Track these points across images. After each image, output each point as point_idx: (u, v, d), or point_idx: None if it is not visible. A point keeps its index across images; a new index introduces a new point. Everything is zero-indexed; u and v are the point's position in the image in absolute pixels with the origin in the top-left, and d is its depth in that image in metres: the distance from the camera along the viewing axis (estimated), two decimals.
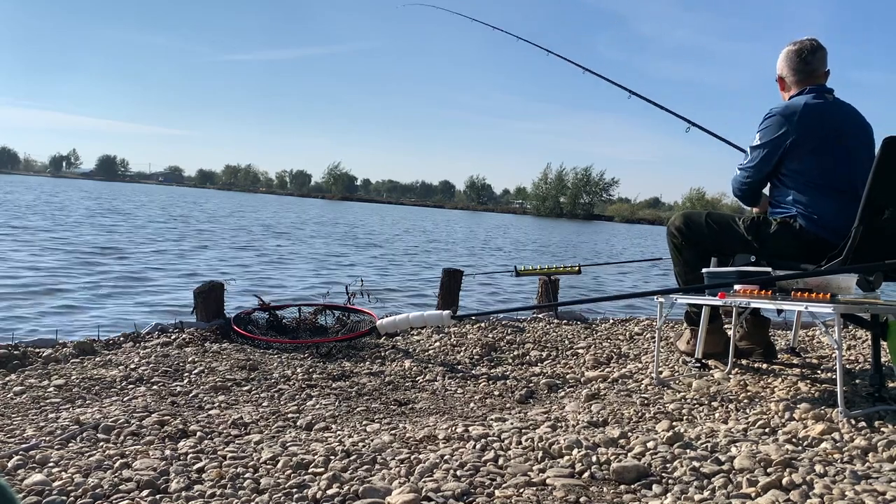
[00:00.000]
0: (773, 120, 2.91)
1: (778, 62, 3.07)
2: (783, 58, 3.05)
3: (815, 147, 2.85)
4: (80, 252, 10.19)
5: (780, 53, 3.07)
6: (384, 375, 2.99)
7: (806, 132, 2.84)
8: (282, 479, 1.76)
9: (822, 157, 2.86)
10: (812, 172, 2.87)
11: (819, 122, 2.86)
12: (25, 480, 1.68)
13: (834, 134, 2.86)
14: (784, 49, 3.06)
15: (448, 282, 4.61)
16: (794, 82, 3.01)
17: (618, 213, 77.60)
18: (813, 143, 2.85)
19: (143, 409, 2.33)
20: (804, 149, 2.86)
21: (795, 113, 2.86)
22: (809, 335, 4.23)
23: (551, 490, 1.72)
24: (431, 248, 17.57)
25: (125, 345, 3.32)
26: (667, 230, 3.26)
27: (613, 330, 4.30)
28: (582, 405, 2.55)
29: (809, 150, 2.85)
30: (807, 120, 2.85)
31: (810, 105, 2.87)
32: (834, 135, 2.85)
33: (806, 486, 1.75)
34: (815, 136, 2.85)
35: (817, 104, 2.88)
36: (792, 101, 2.93)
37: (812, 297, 2.44)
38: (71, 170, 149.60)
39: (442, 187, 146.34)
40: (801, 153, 2.87)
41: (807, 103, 2.87)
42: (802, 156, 2.87)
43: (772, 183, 3.02)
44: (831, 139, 2.85)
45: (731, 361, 3.12)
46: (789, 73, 3.02)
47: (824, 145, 2.85)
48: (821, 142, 2.85)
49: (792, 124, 2.85)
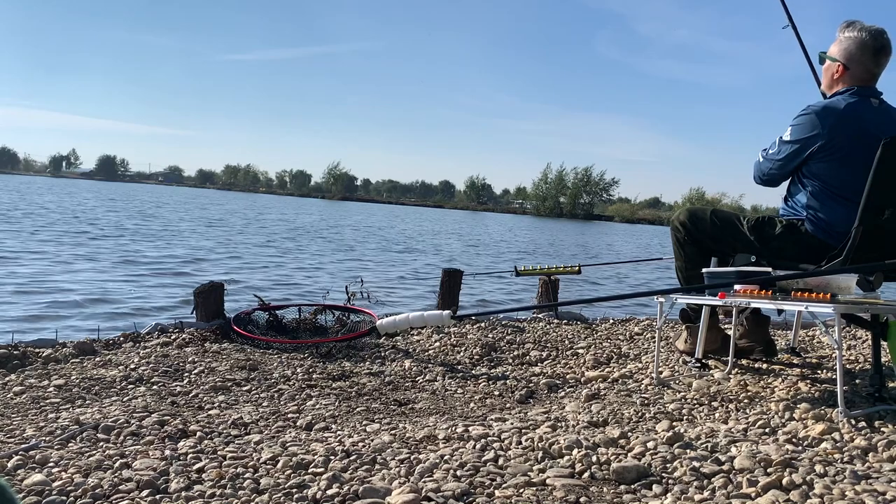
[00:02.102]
0: (807, 118, 2.77)
1: (847, 48, 2.81)
2: (858, 49, 2.79)
3: (842, 155, 2.73)
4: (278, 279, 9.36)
5: (851, 37, 2.81)
6: (384, 375, 2.99)
7: (838, 138, 2.72)
8: (282, 479, 1.76)
9: (846, 166, 2.73)
10: (831, 180, 2.78)
11: (854, 128, 2.72)
12: (25, 480, 1.68)
13: (867, 141, 2.66)
14: (859, 38, 2.79)
15: (448, 282, 4.61)
16: (857, 77, 2.80)
17: (618, 213, 77.64)
18: (842, 150, 2.73)
19: (143, 409, 2.33)
20: (831, 155, 2.75)
21: (832, 115, 2.73)
22: (809, 335, 4.23)
23: (551, 490, 1.72)
24: (479, 251, 17.45)
25: (125, 345, 3.32)
26: (671, 225, 3.25)
27: (613, 330, 4.30)
28: (582, 405, 2.55)
29: (836, 156, 2.74)
30: (842, 125, 2.72)
31: (850, 109, 2.72)
32: (867, 142, 2.67)
33: (806, 487, 1.74)
34: (846, 142, 2.72)
35: (857, 109, 2.73)
36: (832, 102, 2.79)
37: (812, 297, 2.44)
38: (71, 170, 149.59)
39: (442, 187, 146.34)
40: (826, 158, 2.76)
41: (848, 105, 2.73)
42: (826, 161, 2.76)
43: (790, 182, 2.96)
44: (862, 147, 2.69)
45: (732, 361, 3.12)
46: (856, 67, 2.80)
47: (853, 153, 2.72)
48: (850, 150, 2.72)
49: (825, 127, 2.73)
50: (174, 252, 11.59)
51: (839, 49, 2.85)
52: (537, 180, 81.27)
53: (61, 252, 10.37)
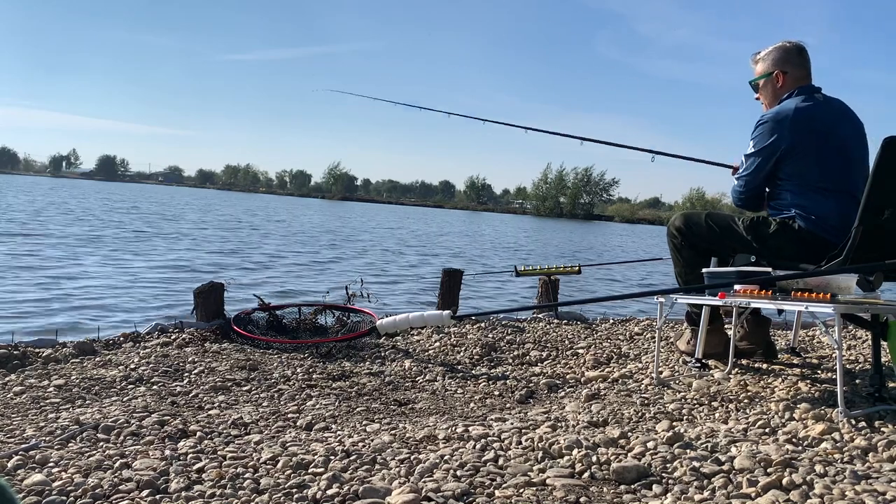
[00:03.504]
0: (765, 127, 2.94)
1: (774, 57, 3.07)
2: (783, 53, 3.05)
3: (808, 150, 2.88)
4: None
5: (774, 50, 3.08)
6: (384, 375, 2.99)
7: (798, 136, 2.88)
8: (282, 479, 1.76)
9: (816, 158, 2.88)
10: (807, 175, 2.89)
11: (810, 125, 2.89)
12: (25, 480, 1.68)
13: (825, 134, 2.89)
14: (779, 45, 3.08)
15: (448, 282, 4.61)
16: (795, 78, 3.03)
17: (618, 213, 77.67)
18: (806, 145, 2.88)
19: (143, 409, 2.33)
20: (798, 152, 2.89)
21: (787, 118, 2.90)
22: (809, 335, 4.23)
23: (551, 490, 1.72)
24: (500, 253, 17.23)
25: (125, 345, 3.32)
26: (667, 231, 3.27)
27: (613, 330, 4.30)
28: (582, 405, 2.55)
29: (803, 153, 2.88)
30: (798, 124, 2.88)
31: (801, 108, 2.90)
32: (825, 135, 2.88)
33: (806, 487, 1.74)
34: (808, 138, 2.88)
35: (807, 106, 2.91)
36: (782, 107, 2.96)
37: (812, 297, 2.44)
38: (71, 170, 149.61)
39: (442, 187, 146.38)
40: (795, 157, 2.90)
41: (797, 107, 2.90)
42: (797, 159, 2.89)
43: (769, 186, 3.04)
44: (823, 139, 2.88)
45: (732, 361, 3.12)
46: (792, 69, 3.04)
47: (817, 147, 2.88)
48: (814, 144, 2.88)
49: (784, 129, 2.89)
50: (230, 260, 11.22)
51: (769, 63, 3.10)
52: (537, 180, 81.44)
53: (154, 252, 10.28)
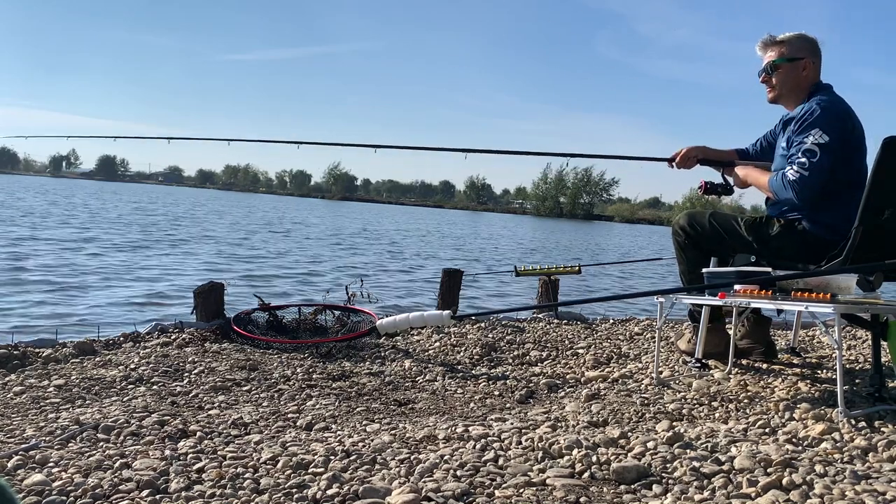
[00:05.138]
0: (835, 116, 2.75)
1: (803, 44, 2.91)
2: (812, 43, 2.92)
3: (850, 151, 2.77)
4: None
5: (801, 37, 2.92)
6: (384, 375, 2.99)
7: (851, 135, 2.78)
8: (282, 479, 1.76)
9: (847, 161, 2.76)
10: (839, 175, 2.77)
11: (853, 125, 2.79)
12: (25, 480, 1.68)
13: (859, 135, 2.80)
14: (803, 34, 2.93)
15: (448, 282, 4.61)
16: (818, 71, 2.92)
17: (618, 213, 77.67)
18: (850, 146, 2.77)
19: (143, 409, 2.33)
20: (846, 151, 2.76)
21: (848, 114, 2.78)
22: (809, 335, 4.23)
23: (551, 490, 1.72)
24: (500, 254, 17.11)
25: (125, 345, 3.32)
26: (672, 229, 3.26)
27: (613, 330, 4.30)
28: (582, 405, 2.55)
29: (845, 153, 2.75)
30: (852, 122, 2.79)
31: (849, 107, 2.78)
32: (859, 136, 2.79)
33: (806, 486, 1.74)
34: (853, 139, 2.78)
35: (848, 106, 2.79)
36: (838, 102, 2.81)
37: (812, 297, 2.44)
38: (71, 170, 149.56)
39: (442, 187, 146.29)
40: (844, 155, 2.76)
41: (843, 101, 2.79)
42: (843, 158, 2.76)
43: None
44: (859, 141, 2.79)
45: (731, 361, 3.12)
46: (817, 60, 2.92)
47: (855, 148, 2.79)
48: (854, 145, 2.79)
49: (848, 124, 2.77)
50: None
51: (796, 48, 2.90)
52: (537, 180, 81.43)
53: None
